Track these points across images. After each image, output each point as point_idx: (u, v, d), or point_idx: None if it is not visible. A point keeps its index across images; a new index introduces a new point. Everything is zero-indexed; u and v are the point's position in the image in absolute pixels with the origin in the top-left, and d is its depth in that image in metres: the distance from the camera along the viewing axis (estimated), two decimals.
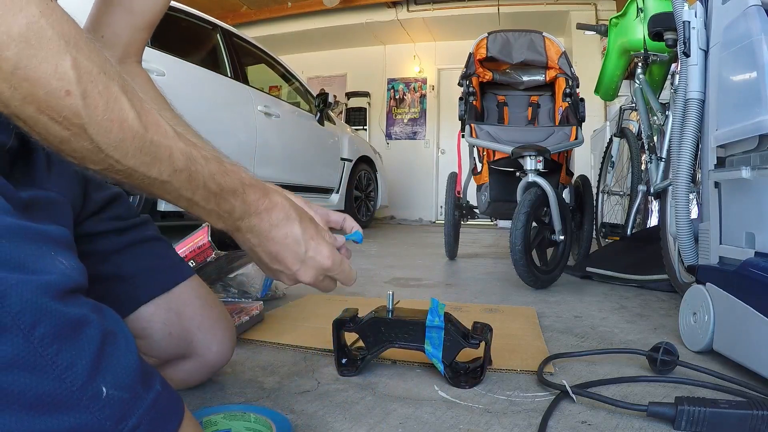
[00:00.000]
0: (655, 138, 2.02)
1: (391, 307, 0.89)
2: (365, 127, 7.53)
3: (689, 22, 1.18)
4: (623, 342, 1.15)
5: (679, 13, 1.21)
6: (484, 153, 2.32)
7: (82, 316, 0.37)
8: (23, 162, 0.54)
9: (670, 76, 2.04)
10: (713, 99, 1.11)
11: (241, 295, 1.38)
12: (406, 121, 7.54)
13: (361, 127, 7.45)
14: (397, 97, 7.57)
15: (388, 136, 7.57)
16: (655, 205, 2.48)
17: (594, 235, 2.56)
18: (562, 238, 1.96)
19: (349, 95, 7.60)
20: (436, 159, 7.46)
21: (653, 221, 2.62)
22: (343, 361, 0.90)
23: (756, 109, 0.90)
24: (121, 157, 0.43)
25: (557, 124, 2.44)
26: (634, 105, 2.27)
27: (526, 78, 2.64)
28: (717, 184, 1.08)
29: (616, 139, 2.61)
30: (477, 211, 2.63)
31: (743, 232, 0.97)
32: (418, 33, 7.06)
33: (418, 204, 7.39)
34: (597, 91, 2.48)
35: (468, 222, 2.82)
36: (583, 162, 4.54)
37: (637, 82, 2.10)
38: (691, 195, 1.20)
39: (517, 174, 2.02)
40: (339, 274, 0.63)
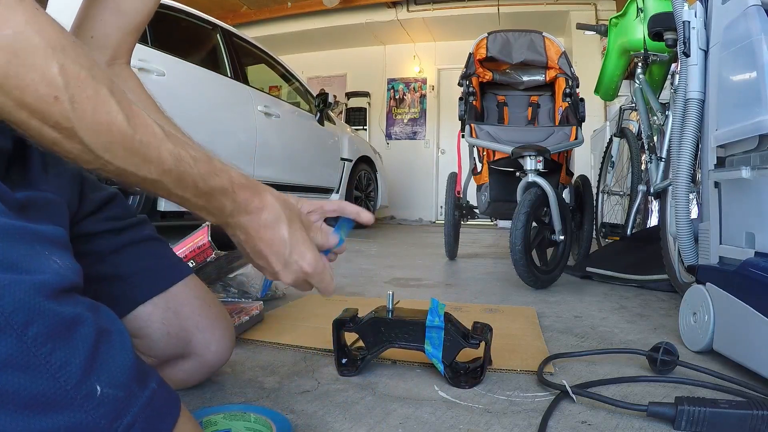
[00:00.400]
0: (655, 138, 2.02)
1: (391, 307, 0.89)
2: (365, 127, 7.53)
3: (689, 22, 1.18)
4: (623, 342, 1.15)
5: (679, 13, 1.21)
6: (484, 153, 2.32)
7: (76, 315, 0.37)
8: (19, 163, 0.54)
9: (670, 76, 2.04)
10: (713, 99, 1.11)
11: (241, 295, 1.38)
12: (406, 121, 7.54)
13: (361, 127, 7.45)
14: (397, 97, 7.57)
15: (388, 136, 7.57)
16: (655, 205, 2.48)
17: (594, 235, 2.56)
18: (562, 238, 1.96)
19: (349, 95, 7.60)
20: (436, 159, 7.46)
21: (653, 221, 2.62)
22: (343, 361, 0.90)
23: (756, 109, 0.90)
24: (112, 158, 0.44)
25: (557, 124, 2.44)
26: (634, 105, 2.27)
27: (526, 78, 2.64)
28: (717, 184, 1.08)
29: (616, 139, 2.61)
30: (477, 211, 2.63)
31: (743, 232, 0.97)
32: (418, 33, 7.06)
33: (418, 204, 7.39)
34: (597, 91, 2.48)
35: (468, 222, 2.82)
36: (583, 162, 4.54)
37: (637, 82, 2.10)
38: (691, 195, 1.20)
39: (517, 174, 2.02)
40: (318, 283, 0.63)
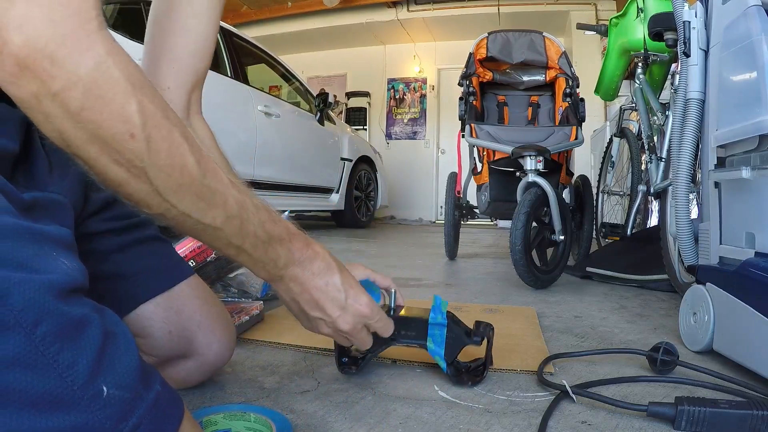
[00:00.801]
0: (655, 138, 2.02)
1: (393, 305, 0.89)
2: (365, 127, 7.53)
3: (689, 22, 1.18)
4: (623, 342, 1.15)
5: (679, 13, 1.21)
6: (484, 153, 2.32)
7: (83, 315, 0.37)
8: (25, 165, 0.55)
9: (670, 76, 2.04)
10: (713, 99, 1.11)
11: (241, 294, 1.38)
12: (406, 121, 7.54)
13: (361, 127, 7.45)
14: (397, 97, 7.57)
15: (388, 136, 7.57)
16: (655, 205, 2.48)
17: (594, 235, 2.56)
18: (562, 238, 1.96)
19: (349, 95, 7.60)
20: (436, 159, 7.46)
21: (653, 221, 2.62)
22: (344, 359, 0.90)
23: (756, 109, 0.90)
24: (178, 202, 0.44)
25: (557, 124, 2.44)
26: (634, 105, 2.27)
27: (526, 78, 2.64)
28: (717, 184, 1.08)
29: (616, 139, 2.61)
30: (477, 211, 2.63)
31: (743, 232, 0.97)
32: (418, 33, 7.06)
33: (418, 204, 7.39)
34: (597, 91, 2.48)
35: (468, 222, 2.82)
36: (583, 162, 4.54)
37: (637, 82, 2.10)
38: (691, 195, 1.20)
39: (517, 174, 2.02)
40: (378, 322, 0.67)
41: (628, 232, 2.31)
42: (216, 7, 0.80)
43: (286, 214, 1.55)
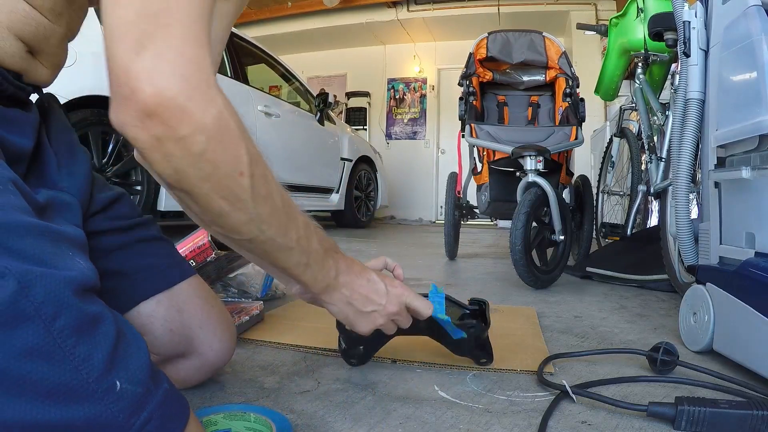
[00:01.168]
0: (655, 138, 2.02)
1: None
2: (365, 127, 7.53)
3: (689, 22, 1.18)
4: (623, 342, 1.15)
5: (679, 13, 1.21)
6: (484, 153, 2.32)
7: (98, 312, 0.39)
8: (36, 164, 0.56)
9: (670, 76, 2.04)
10: (713, 99, 1.11)
11: (241, 294, 1.38)
12: (406, 121, 7.54)
13: (361, 127, 7.44)
14: (397, 97, 7.57)
15: (388, 136, 7.57)
16: (655, 205, 2.48)
17: (594, 235, 2.56)
18: (562, 238, 1.96)
19: (349, 95, 7.60)
20: (436, 159, 7.46)
21: (653, 221, 2.62)
22: (352, 353, 0.90)
23: (756, 109, 0.90)
24: (267, 228, 0.50)
25: (557, 124, 2.44)
26: (634, 105, 2.27)
27: (526, 78, 2.64)
28: (717, 184, 1.08)
29: (616, 139, 2.60)
30: (477, 211, 2.63)
31: (743, 232, 0.97)
32: (418, 33, 7.06)
33: (418, 204, 7.39)
34: (597, 91, 2.48)
35: (468, 222, 2.82)
36: (583, 162, 4.54)
37: (637, 82, 2.10)
38: (691, 195, 1.20)
39: (517, 174, 2.02)
40: (414, 300, 0.75)
41: (628, 232, 2.31)
42: (235, 14, 0.82)
43: None
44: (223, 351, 0.76)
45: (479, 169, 2.41)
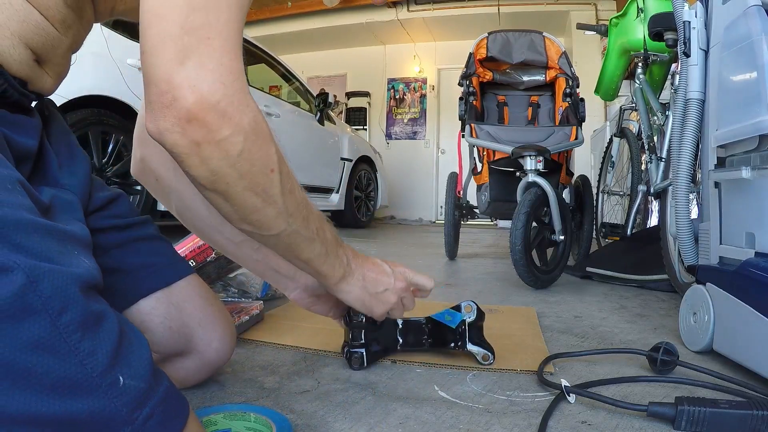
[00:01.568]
0: (655, 138, 2.02)
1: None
2: (365, 127, 7.53)
3: (689, 22, 1.18)
4: (623, 342, 1.15)
5: (679, 13, 1.21)
6: (484, 153, 2.32)
7: (102, 310, 0.40)
8: (38, 163, 0.57)
9: (670, 76, 2.04)
10: (713, 99, 1.11)
11: (241, 294, 1.38)
12: (406, 121, 7.54)
13: (361, 127, 7.44)
14: (397, 97, 7.57)
15: (388, 136, 7.57)
16: (655, 205, 2.48)
17: (594, 235, 2.56)
18: (562, 238, 1.96)
19: (349, 95, 7.60)
20: (436, 159, 7.46)
21: (653, 221, 2.62)
22: (356, 352, 0.90)
23: (756, 109, 0.90)
24: (293, 221, 0.55)
25: (557, 124, 2.44)
26: (634, 105, 2.27)
27: (526, 78, 2.64)
28: (717, 184, 1.08)
29: (616, 139, 2.60)
30: (477, 211, 2.63)
31: (743, 232, 0.97)
32: (418, 33, 7.06)
33: (418, 204, 7.39)
34: (597, 91, 2.48)
35: (468, 222, 2.82)
36: (583, 162, 4.54)
37: (637, 82, 2.10)
38: (691, 195, 1.20)
39: (517, 174, 2.02)
40: (420, 279, 0.81)
41: (628, 232, 2.31)
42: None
43: None
44: (223, 349, 0.76)
45: (479, 169, 2.41)
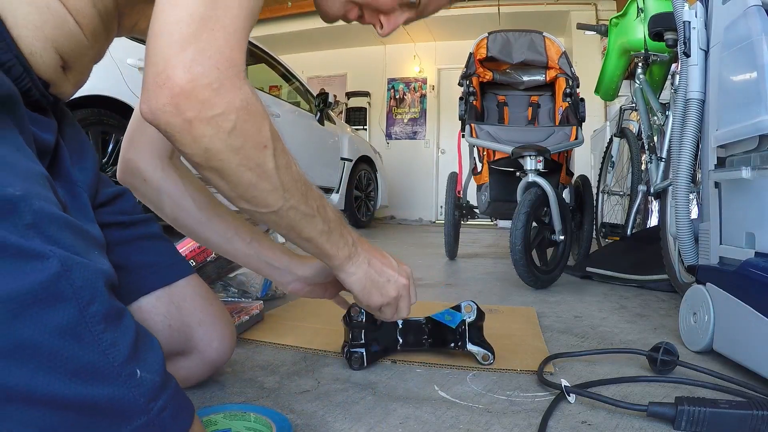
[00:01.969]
0: (655, 138, 2.02)
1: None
2: (365, 126, 7.52)
3: (689, 22, 1.18)
4: (623, 342, 1.15)
5: (679, 13, 1.21)
6: (484, 153, 2.32)
7: (122, 307, 0.42)
8: (54, 158, 0.58)
9: (670, 76, 2.04)
10: (713, 99, 1.11)
11: (241, 294, 1.38)
12: (406, 121, 7.54)
13: (361, 126, 7.44)
14: (397, 96, 7.57)
15: (388, 136, 7.56)
16: (655, 205, 2.48)
17: (594, 235, 2.55)
18: (562, 238, 1.96)
19: (349, 95, 7.59)
20: (436, 159, 7.46)
21: (653, 221, 2.62)
22: (356, 352, 0.90)
23: (756, 109, 0.90)
24: (291, 196, 0.56)
25: (557, 124, 2.44)
26: (634, 105, 2.27)
27: (526, 78, 2.64)
28: (717, 184, 1.08)
29: (616, 139, 2.60)
30: (477, 211, 2.63)
31: (743, 232, 0.97)
32: (418, 33, 7.05)
33: (418, 204, 7.38)
34: (597, 91, 2.48)
35: (468, 222, 2.82)
36: (583, 162, 4.53)
37: (637, 82, 2.10)
38: (691, 195, 1.20)
39: (517, 174, 2.02)
40: (411, 275, 0.79)
41: (628, 232, 2.31)
42: None
43: None
44: (223, 349, 0.76)
45: (479, 169, 2.41)
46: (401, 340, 0.95)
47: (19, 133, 0.47)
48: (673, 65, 1.97)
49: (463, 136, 2.31)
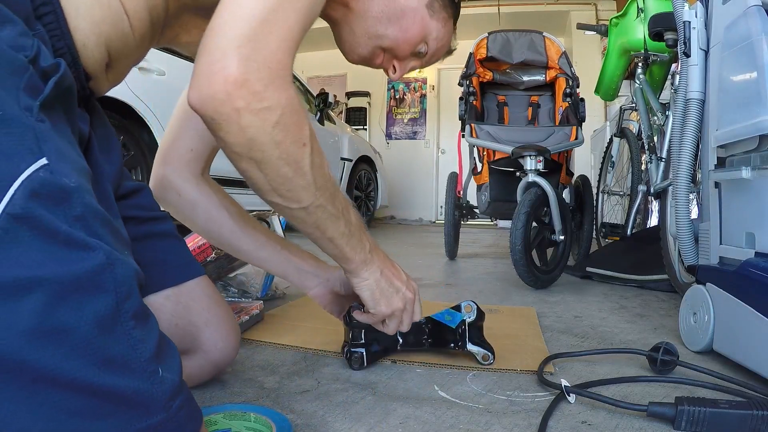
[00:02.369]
0: (655, 138, 2.02)
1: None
2: (365, 127, 7.52)
3: (690, 22, 1.18)
4: (623, 342, 1.15)
5: (679, 13, 1.21)
6: (485, 153, 2.32)
7: (148, 308, 0.44)
8: (86, 150, 0.59)
9: (670, 76, 2.04)
10: (714, 99, 1.11)
11: (241, 294, 1.38)
12: (406, 121, 7.54)
13: (361, 126, 7.43)
14: (397, 97, 7.56)
15: (388, 136, 7.56)
16: (655, 205, 2.48)
17: (594, 235, 2.55)
18: (562, 238, 1.96)
19: (349, 95, 7.59)
20: (436, 159, 7.46)
21: (653, 221, 2.62)
22: (356, 352, 0.90)
23: (756, 109, 0.90)
24: (321, 194, 0.59)
25: (557, 124, 2.44)
26: (634, 105, 2.27)
27: (526, 78, 2.64)
28: (717, 184, 1.08)
29: (616, 139, 2.60)
30: (477, 211, 2.63)
31: (743, 232, 0.97)
32: None
33: (418, 204, 7.38)
34: (597, 91, 2.48)
35: (468, 222, 2.82)
36: (583, 162, 4.53)
37: (638, 82, 2.10)
38: (691, 195, 1.20)
39: (517, 174, 2.02)
40: (417, 307, 0.81)
41: (628, 232, 2.31)
42: None
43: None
44: (228, 350, 0.77)
45: (479, 169, 2.41)
46: (401, 340, 0.95)
47: (69, 127, 0.48)
48: (673, 65, 1.97)
49: (463, 136, 2.31)
